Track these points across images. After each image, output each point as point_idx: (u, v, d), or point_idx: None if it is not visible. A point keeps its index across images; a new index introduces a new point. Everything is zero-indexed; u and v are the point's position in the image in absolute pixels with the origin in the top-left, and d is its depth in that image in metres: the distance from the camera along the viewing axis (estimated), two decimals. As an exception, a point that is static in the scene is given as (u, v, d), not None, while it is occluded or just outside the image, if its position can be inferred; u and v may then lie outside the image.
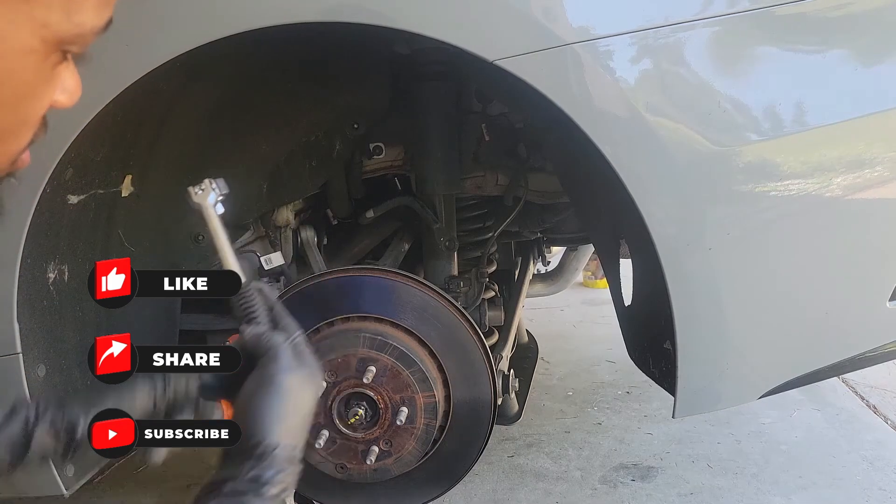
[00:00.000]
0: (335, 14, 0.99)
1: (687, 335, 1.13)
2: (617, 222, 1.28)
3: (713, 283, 1.11)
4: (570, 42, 0.99)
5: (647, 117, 1.03)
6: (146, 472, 2.38)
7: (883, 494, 2.04)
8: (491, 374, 1.32)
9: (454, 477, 1.38)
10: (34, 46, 0.48)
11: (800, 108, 1.06)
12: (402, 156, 1.56)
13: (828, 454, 2.29)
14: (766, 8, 1.02)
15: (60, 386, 1.22)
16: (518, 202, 1.62)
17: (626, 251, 1.29)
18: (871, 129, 1.09)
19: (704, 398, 1.20)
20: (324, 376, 1.27)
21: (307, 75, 1.35)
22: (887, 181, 1.10)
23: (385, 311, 1.30)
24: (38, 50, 0.48)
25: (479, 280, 1.61)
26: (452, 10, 1.01)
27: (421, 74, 1.41)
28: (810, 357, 1.21)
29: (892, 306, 1.17)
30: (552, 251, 2.58)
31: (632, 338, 1.39)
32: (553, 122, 1.06)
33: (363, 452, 1.30)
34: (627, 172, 1.04)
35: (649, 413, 2.65)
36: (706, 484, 2.13)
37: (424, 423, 1.28)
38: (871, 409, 2.63)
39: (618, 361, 3.14)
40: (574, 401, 2.81)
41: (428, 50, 1.35)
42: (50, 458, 0.70)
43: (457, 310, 1.31)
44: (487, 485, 2.17)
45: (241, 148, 1.37)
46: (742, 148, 1.05)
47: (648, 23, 1.00)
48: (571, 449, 2.40)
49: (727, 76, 1.05)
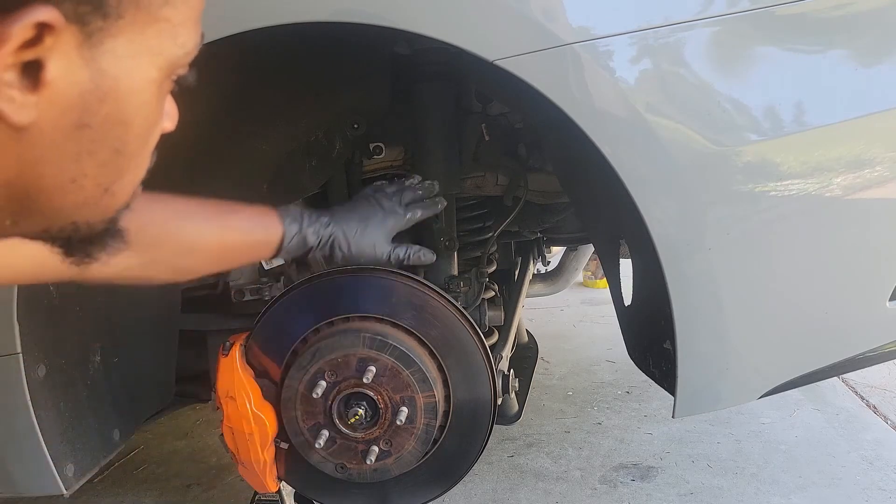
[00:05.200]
0: (340, 14, 0.99)
1: (687, 335, 1.13)
2: (617, 222, 1.28)
3: (713, 283, 1.11)
4: (569, 42, 0.99)
5: (647, 117, 1.03)
6: (146, 472, 2.39)
7: (882, 494, 2.04)
8: (491, 374, 1.32)
9: (454, 477, 1.38)
10: (153, 76, 0.50)
11: (800, 108, 1.06)
12: (402, 156, 1.56)
13: (827, 454, 2.29)
14: (766, 8, 1.02)
15: (60, 386, 1.22)
16: (518, 202, 1.62)
17: (626, 251, 1.29)
18: (871, 129, 1.09)
19: (704, 398, 1.21)
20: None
21: (308, 75, 1.35)
22: (887, 181, 1.10)
23: (385, 311, 1.30)
24: (156, 78, 0.50)
25: (479, 280, 1.60)
26: (452, 11, 1.01)
27: (421, 74, 1.41)
28: (810, 357, 1.21)
29: (892, 306, 1.17)
30: (552, 251, 2.58)
31: (632, 338, 1.39)
32: (553, 123, 1.06)
33: (363, 452, 1.30)
34: (627, 172, 1.04)
35: (649, 413, 2.65)
36: (706, 484, 2.14)
37: (424, 422, 1.28)
38: (870, 409, 2.63)
39: (618, 361, 3.15)
40: (574, 401, 2.81)
41: (428, 50, 1.35)
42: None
43: (457, 310, 1.31)
44: (487, 485, 2.17)
45: (242, 148, 1.37)
46: (742, 148, 1.05)
47: (648, 23, 1.00)
48: (571, 449, 2.40)
49: (727, 76, 1.05)
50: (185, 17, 0.50)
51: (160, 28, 0.48)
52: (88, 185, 0.51)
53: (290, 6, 0.99)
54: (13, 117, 0.44)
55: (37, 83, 0.44)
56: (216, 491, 2.24)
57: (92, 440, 1.30)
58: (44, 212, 0.51)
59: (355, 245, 1.14)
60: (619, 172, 1.03)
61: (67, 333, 1.24)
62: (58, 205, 0.51)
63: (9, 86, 0.43)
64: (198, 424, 2.72)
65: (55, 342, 1.21)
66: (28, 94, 0.44)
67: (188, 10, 0.50)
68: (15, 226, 0.52)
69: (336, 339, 1.27)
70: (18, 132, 0.45)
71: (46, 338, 1.18)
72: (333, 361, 1.27)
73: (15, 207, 0.50)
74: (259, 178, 1.41)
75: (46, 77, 0.44)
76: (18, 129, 0.45)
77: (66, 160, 0.48)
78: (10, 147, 0.46)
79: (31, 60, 0.43)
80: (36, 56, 0.43)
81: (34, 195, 0.49)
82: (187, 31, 0.51)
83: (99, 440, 1.32)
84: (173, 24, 0.49)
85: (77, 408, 1.26)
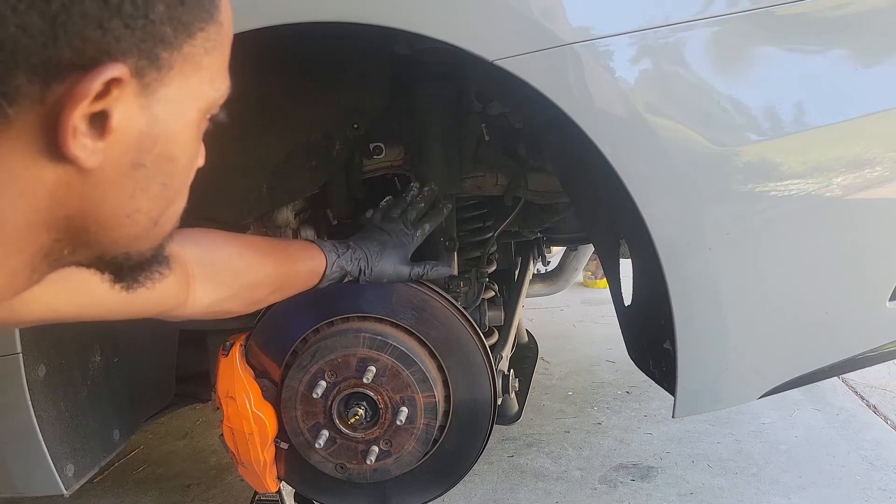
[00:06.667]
0: (341, 15, 0.99)
1: (687, 335, 1.13)
2: (617, 222, 1.28)
3: (713, 283, 1.11)
4: (569, 42, 0.99)
5: (647, 117, 1.02)
6: (146, 472, 2.39)
7: (882, 494, 2.04)
8: (491, 374, 1.32)
9: (454, 477, 1.38)
10: (195, 117, 0.56)
11: (800, 108, 1.06)
12: (402, 156, 1.56)
13: (827, 454, 2.29)
14: (766, 8, 1.02)
15: (60, 386, 1.22)
16: (518, 202, 1.62)
17: (626, 251, 1.29)
18: (871, 129, 1.09)
19: (704, 398, 1.20)
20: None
21: (307, 75, 1.35)
22: (887, 181, 1.10)
23: (385, 311, 1.30)
24: (196, 119, 0.56)
25: (479, 280, 1.60)
26: (452, 11, 1.01)
27: (421, 74, 1.41)
28: (810, 357, 1.21)
29: (892, 306, 1.17)
30: (552, 251, 2.58)
31: (632, 338, 1.39)
32: (553, 122, 1.06)
33: (363, 452, 1.30)
34: (627, 172, 1.04)
35: (649, 413, 2.65)
36: (706, 484, 2.14)
37: (424, 422, 1.28)
38: (870, 409, 2.63)
39: (618, 361, 3.15)
40: (574, 401, 2.81)
41: (428, 50, 1.35)
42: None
43: (457, 310, 1.31)
44: (487, 485, 2.17)
45: (241, 147, 1.37)
46: (742, 148, 1.05)
47: (648, 23, 1.00)
48: (571, 449, 2.40)
49: (727, 76, 1.05)
50: (219, 64, 0.57)
51: (202, 76, 0.54)
52: (142, 219, 0.56)
53: (290, 7, 0.99)
54: (86, 162, 0.49)
55: (104, 131, 0.49)
56: (216, 491, 2.24)
57: (92, 440, 1.30)
58: (101, 243, 0.56)
59: (378, 269, 1.23)
60: (619, 172, 1.03)
61: (67, 333, 1.24)
62: (114, 237, 0.56)
63: (83, 135, 0.48)
64: (198, 424, 2.72)
65: (55, 342, 1.21)
66: (97, 141, 0.49)
67: (221, 58, 0.57)
68: (72, 255, 0.57)
69: (336, 339, 1.27)
70: (84, 174, 0.50)
71: (46, 338, 1.18)
72: (333, 361, 1.27)
73: (74, 239, 0.55)
74: (258, 178, 1.41)
75: (112, 125, 0.49)
76: (85, 172, 0.50)
77: (123, 197, 0.54)
78: (76, 187, 0.51)
79: (100, 111, 0.48)
80: (104, 107, 0.48)
81: (93, 229, 0.54)
82: (221, 77, 0.57)
83: (99, 440, 1.32)
84: (211, 71, 0.55)
85: (77, 408, 1.26)
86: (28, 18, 0.44)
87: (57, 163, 0.49)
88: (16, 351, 1.12)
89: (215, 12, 0.55)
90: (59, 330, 1.22)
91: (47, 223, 0.52)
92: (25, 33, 0.45)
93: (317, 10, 0.99)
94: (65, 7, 0.45)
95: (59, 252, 0.56)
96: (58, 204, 0.52)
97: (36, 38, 0.45)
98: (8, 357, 1.12)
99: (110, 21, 0.47)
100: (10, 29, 0.44)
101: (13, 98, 0.46)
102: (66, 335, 1.24)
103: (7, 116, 0.47)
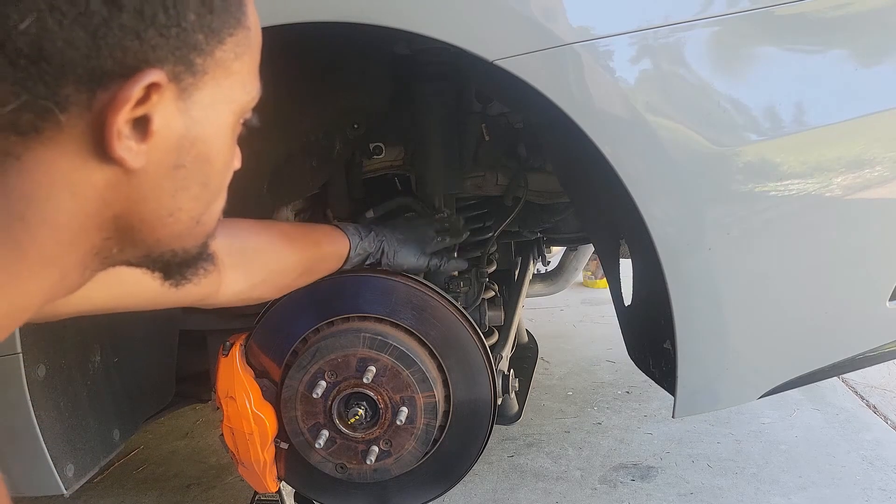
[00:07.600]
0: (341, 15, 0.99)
1: (687, 335, 1.13)
2: (617, 222, 1.28)
3: (713, 283, 1.11)
4: (569, 42, 0.99)
5: (647, 117, 1.02)
6: (146, 472, 2.39)
7: (882, 494, 2.04)
8: (491, 374, 1.32)
9: (454, 477, 1.38)
10: (229, 120, 0.60)
11: (800, 108, 1.06)
12: (402, 156, 1.56)
13: (827, 454, 2.29)
14: (766, 8, 1.02)
15: (60, 386, 1.22)
16: (518, 202, 1.62)
17: (626, 251, 1.29)
18: (871, 129, 1.09)
19: (704, 398, 1.21)
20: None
21: (308, 75, 1.35)
22: (887, 181, 1.10)
23: (385, 311, 1.30)
24: (231, 122, 0.60)
25: (479, 280, 1.60)
26: (452, 11, 1.01)
27: (421, 74, 1.41)
28: (810, 357, 1.21)
29: (891, 306, 1.17)
30: (552, 251, 2.58)
31: (631, 338, 1.39)
32: (553, 123, 1.06)
33: (363, 452, 1.30)
34: (627, 172, 1.04)
35: (649, 413, 2.65)
36: (706, 484, 2.14)
37: (424, 422, 1.28)
38: (870, 409, 2.63)
39: (618, 361, 3.15)
40: (574, 401, 2.81)
41: (428, 50, 1.35)
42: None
43: (457, 310, 1.31)
44: (487, 485, 2.17)
45: (241, 147, 1.37)
46: (742, 148, 1.05)
47: (648, 23, 1.00)
48: (571, 449, 2.40)
49: (727, 76, 1.05)
50: (249, 68, 0.60)
51: (233, 80, 0.58)
52: (184, 217, 0.60)
53: (290, 7, 0.99)
54: (131, 163, 0.53)
55: (146, 133, 0.53)
56: (216, 491, 2.24)
57: (92, 440, 1.30)
58: (147, 241, 0.60)
59: (400, 255, 1.32)
60: (619, 172, 1.03)
61: (67, 333, 1.24)
62: (159, 235, 0.60)
63: (127, 137, 0.52)
64: (198, 424, 2.72)
65: (55, 342, 1.21)
66: (140, 143, 0.53)
67: (251, 62, 0.61)
68: (121, 253, 0.60)
69: (336, 339, 1.27)
70: (129, 174, 0.54)
71: (46, 338, 1.18)
72: (333, 361, 1.27)
73: (122, 237, 0.59)
74: (258, 177, 1.41)
75: (153, 128, 0.53)
76: (130, 172, 0.54)
77: (165, 196, 0.57)
78: (122, 187, 0.55)
79: (142, 115, 0.52)
80: (146, 112, 0.52)
81: (138, 227, 0.58)
82: (252, 81, 0.61)
83: (99, 440, 1.32)
84: (242, 75, 0.59)
85: (77, 408, 1.26)
86: (73, 33, 0.48)
87: (104, 165, 0.53)
88: (16, 351, 1.12)
89: (243, 18, 0.58)
90: (59, 330, 1.22)
91: (97, 223, 0.56)
92: (71, 46, 0.49)
93: (317, 10, 1.00)
94: (105, 21, 0.49)
95: (109, 250, 0.59)
96: (106, 204, 0.55)
97: (81, 51, 0.49)
98: (8, 357, 1.12)
99: (146, 31, 0.50)
100: (59, 43, 0.48)
101: (64, 106, 0.50)
102: (66, 335, 1.24)
103: (59, 123, 0.51)
